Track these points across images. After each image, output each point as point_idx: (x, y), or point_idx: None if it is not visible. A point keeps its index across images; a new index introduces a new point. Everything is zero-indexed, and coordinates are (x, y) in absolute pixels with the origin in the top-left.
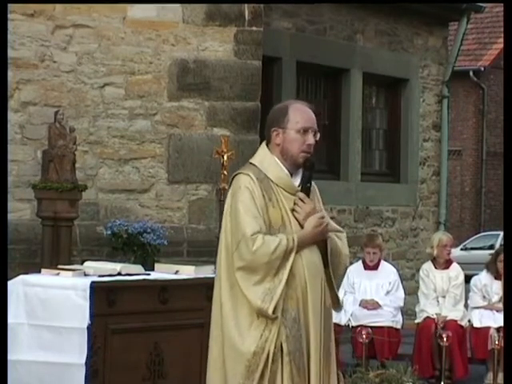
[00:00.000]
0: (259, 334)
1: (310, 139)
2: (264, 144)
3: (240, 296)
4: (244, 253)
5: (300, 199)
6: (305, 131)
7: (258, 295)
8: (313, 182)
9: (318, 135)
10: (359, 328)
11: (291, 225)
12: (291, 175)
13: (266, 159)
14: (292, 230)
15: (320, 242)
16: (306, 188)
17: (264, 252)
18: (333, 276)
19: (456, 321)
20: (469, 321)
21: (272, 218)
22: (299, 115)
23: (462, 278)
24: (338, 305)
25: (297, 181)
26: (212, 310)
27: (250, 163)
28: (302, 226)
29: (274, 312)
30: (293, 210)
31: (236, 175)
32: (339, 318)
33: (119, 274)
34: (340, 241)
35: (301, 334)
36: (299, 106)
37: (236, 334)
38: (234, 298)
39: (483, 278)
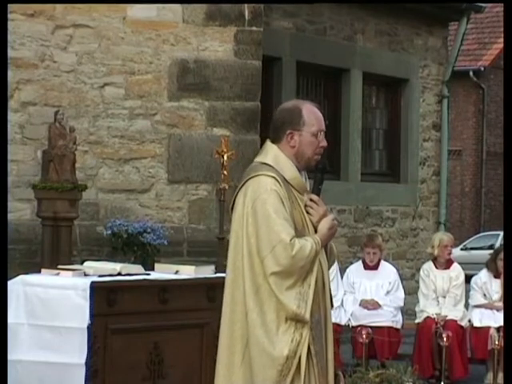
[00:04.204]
0: (290, 338)
1: (324, 141)
2: (271, 143)
3: (265, 300)
4: (282, 258)
5: (313, 201)
6: (319, 133)
7: (292, 300)
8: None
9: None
10: (359, 328)
11: (308, 227)
12: None
13: (280, 160)
14: (310, 231)
15: None
16: (318, 190)
17: (301, 256)
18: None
19: (456, 321)
20: (469, 321)
21: (296, 220)
22: (313, 118)
23: (462, 278)
24: (331, 304)
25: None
26: (226, 315)
27: (264, 163)
28: (314, 228)
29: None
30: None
31: (255, 177)
32: (339, 318)
33: (119, 274)
34: None
35: (322, 335)
36: (311, 107)
37: (266, 339)
38: (259, 304)
39: (483, 276)
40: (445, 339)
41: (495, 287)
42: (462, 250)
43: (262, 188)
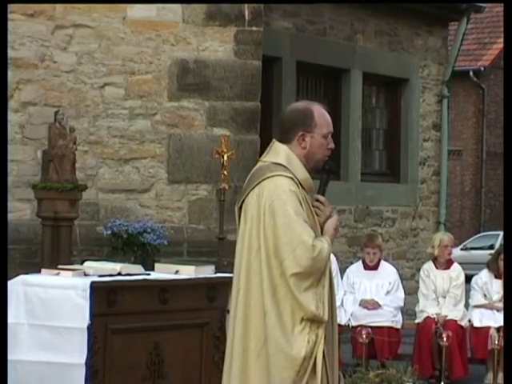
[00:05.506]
0: (306, 339)
1: (332, 143)
2: (280, 143)
3: (281, 301)
4: (303, 259)
5: (320, 201)
6: (329, 135)
7: (310, 301)
8: None
9: None
10: (359, 328)
11: (318, 227)
12: None
13: (292, 160)
14: (319, 232)
15: None
16: (324, 190)
17: (321, 258)
18: None
19: (456, 321)
20: (469, 321)
21: (309, 221)
22: (324, 120)
23: (462, 278)
24: None
25: None
26: (240, 317)
27: (278, 164)
28: (320, 228)
29: None
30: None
31: (270, 177)
32: (339, 318)
33: (119, 274)
34: None
35: (330, 336)
36: (321, 109)
37: (283, 340)
38: (276, 305)
39: (484, 276)
40: (445, 339)
41: (496, 287)
42: (462, 250)
43: (279, 189)
